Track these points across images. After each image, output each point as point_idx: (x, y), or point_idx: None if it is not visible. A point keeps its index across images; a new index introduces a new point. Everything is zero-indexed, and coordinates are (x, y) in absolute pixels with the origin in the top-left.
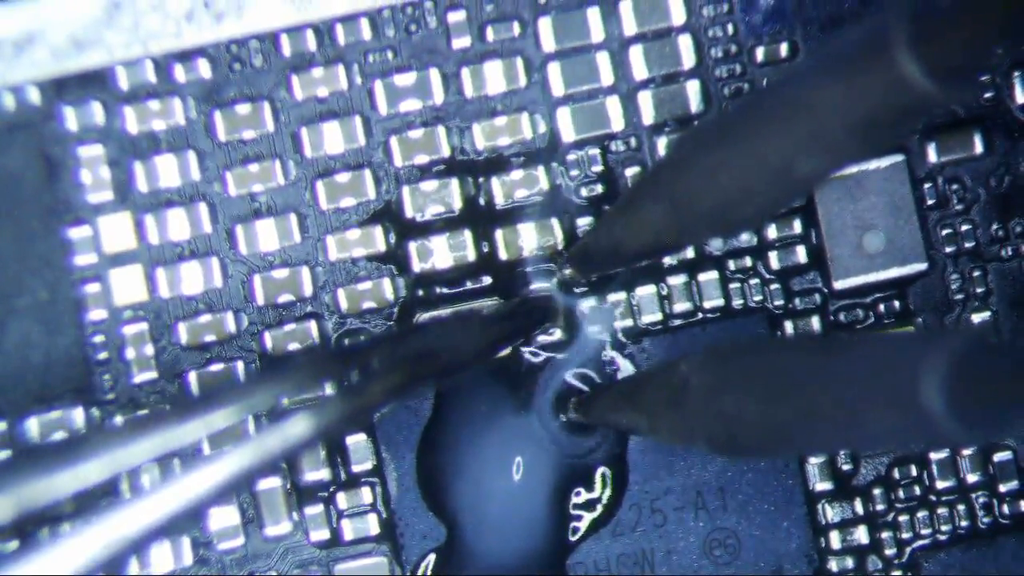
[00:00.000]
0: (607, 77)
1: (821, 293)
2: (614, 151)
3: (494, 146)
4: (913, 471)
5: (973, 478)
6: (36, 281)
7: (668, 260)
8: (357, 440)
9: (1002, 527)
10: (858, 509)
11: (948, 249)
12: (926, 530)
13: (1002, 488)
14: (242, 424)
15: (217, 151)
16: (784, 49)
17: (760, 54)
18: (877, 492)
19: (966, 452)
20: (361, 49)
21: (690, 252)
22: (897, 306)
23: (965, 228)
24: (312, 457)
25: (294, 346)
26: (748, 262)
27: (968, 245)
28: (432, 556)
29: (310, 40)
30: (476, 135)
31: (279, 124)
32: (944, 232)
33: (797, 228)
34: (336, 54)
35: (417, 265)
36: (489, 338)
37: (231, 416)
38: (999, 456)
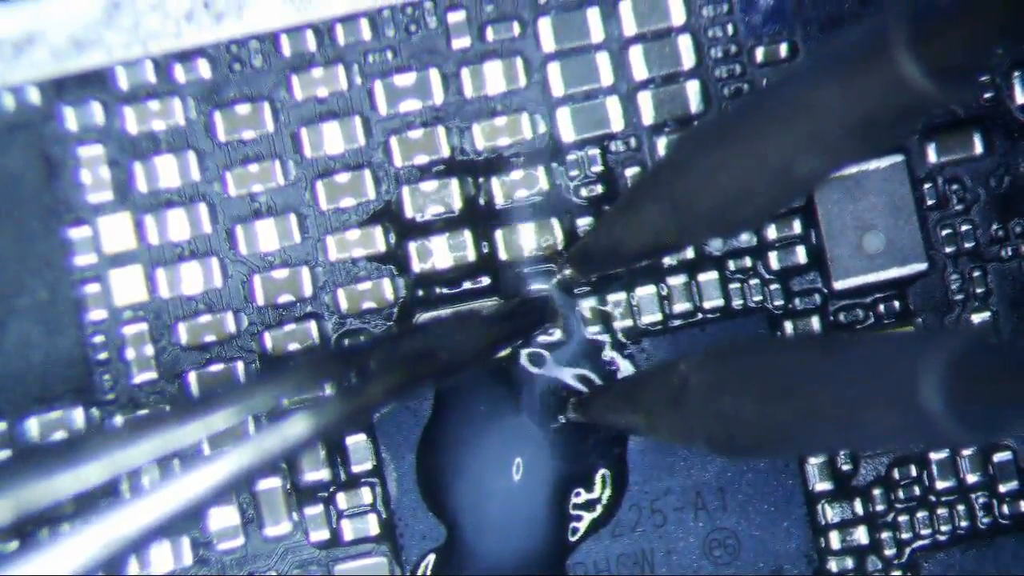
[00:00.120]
0: (607, 77)
1: (821, 293)
2: (614, 151)
3: (494, 146)
4: (913, 471)
5: (973, 478)
6: (36, 281)
7: (668, 260)
8: (357, 440)
9: (1002, 527)
10: (858, 509)
11: (948, 249)
12: (926, 530)
13: (1002, 488)
14: (242, 424)
15: (217, 151)
16: (784, 49)
17: (760, 54)
18: (877, 492)
19: (966, 452)
20: (361, 49)
21: (690, 252)
22: (897, 306)
23: (965, 228)
24: (312, 457)
25: (294, 346)
26: (748, 262)
27: (968, 245)
28: (432, 556)
29: (310, 40)
30: (476, 135)
31: (279, 124)
32: (944, 232)
33: (797, 228)
34: (336, 54)
35: (417, 265)
36: (489, 338)
37: (231, 417)
38: (999, 456)
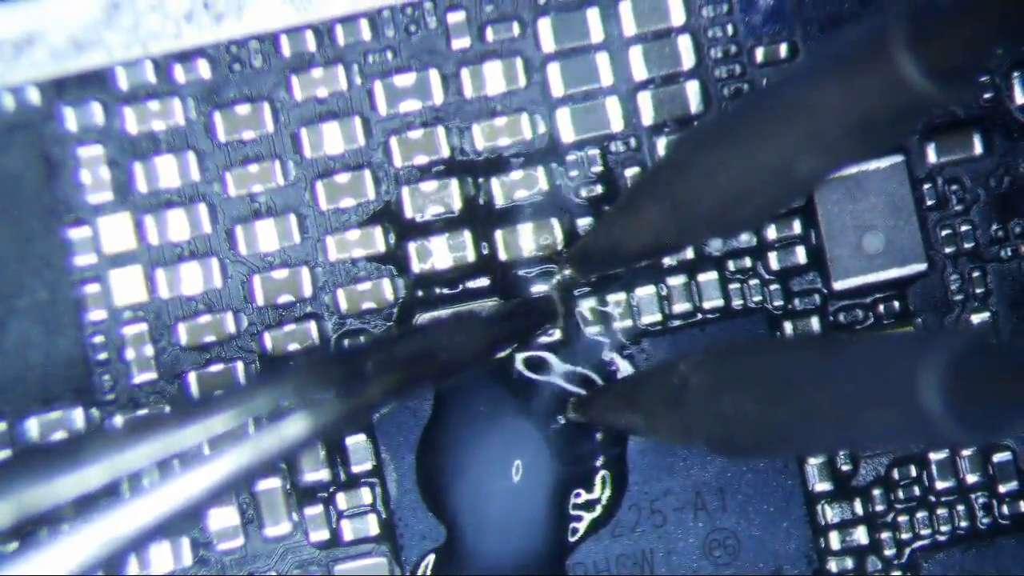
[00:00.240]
0: (607, 78)
1: (821, 294)
2: (614, 152)
3: (494, 146)
4: (913, 472)
5: (973, 479)
6: (36, 281)
7: (668, 261)
8: (357, 441)
9: (1001, 528)
10: (857, 510)
11: (948, 250)
12: (925, 531)
13: (1002, 489)
14: (242, 425)
15: (217, 152)
16: (784, 50)
17: (760, 55)
18: (877, 493)
19: (966, 453)
20: (361, 50)
21: (690, 253)
22: (897, 307)
23: (965, 229)
24: (312, 457)
25: (294, 347)
26: (748, 263)
27: (968, 246)
28: (432, 557)
29: (310, 41)
30: (476, 135)
31: (279, 125)
32: (944, 233)
33: (797, 229)
34: (336, 55)
35: (417, 266)
36: (488, 339)
37: (231, 420)
38: (999, 457)
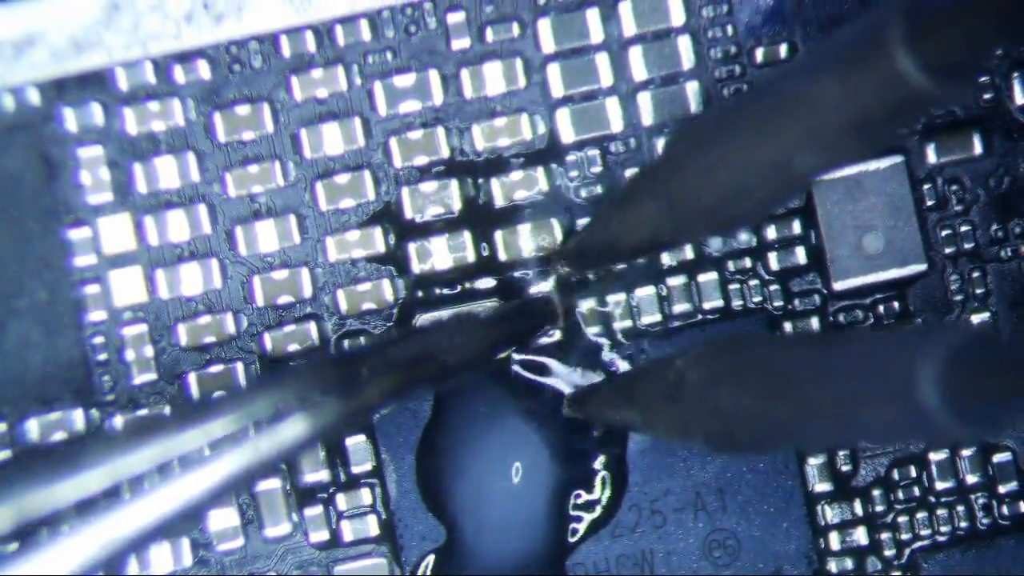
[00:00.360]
0: (606, 78)
1: (820, 294)
2: (613, 152)
3: (494, 147)
4: (912, 472)
5: (972, 479)
6: (36, 282)
7: (667, 261)
8: (357, 441)
9: (1001, 528)
10: (857, 510)
11: (947, 250)
12: (925, 531)
13: (1001, 489)
14: (242, 428)
15: (217, 152)
16: (783, 50)
17: (759, 55)
18: (876, 493)
19: (965, 453)
20: (360, 50)
21: (689, 253)
22: (896, 307)
23: (964, 229)
24: (312, 458)
25: (294, 347)
26: (747, 263)
27: (967, 246)
28: (431, 557)
29: (309, 41)
30: (476, 136)
31: (279, 125)
32: (943, 233)
33: (796, 229)
34: (335, 55)
35: (417, 266)
36: (488, 341)
37: (231, 424)
38: (998, 457)
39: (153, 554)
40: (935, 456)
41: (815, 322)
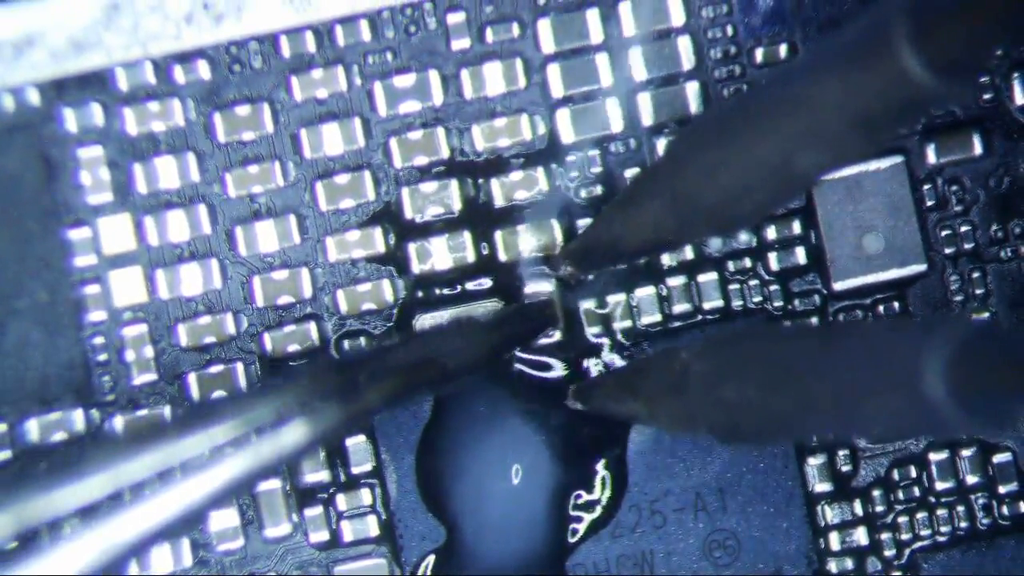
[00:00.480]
0: (606, 78)
1: (820, 294)
2: (613, 152)
3: (493, 147)
4: (913, 472)
5: (972, 479)
6: (36, 283)
7: (667, 261)
8: (357, 442)
9: (1001, 528)
10: (857, 510)
11: (947, 250)
12: (925, 531)
13: (1001, 489)
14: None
15: (217, 152)
16: (783, 50)
17: (759, 55)
18: (876, 493)
19: (965, 453)
20: (360, 50)
21: (689, 253)
22: (896, 307)
23: (964, 229)
24: (312, 459)
25: (294, 347)
26: (747, 263)
27: (967, 246)
28: (431, 557)
29: (309, 41)
30: (475, 136)
31: (278, 125)
32: (943, 233)
33: (796, 229)
34: (335, 55)
35: (417, 266)
36: (489, 345)
37: (232, 430)
38: (999, 458)
39: (153, 554)
40: (935, 456)
41: (815, 323)
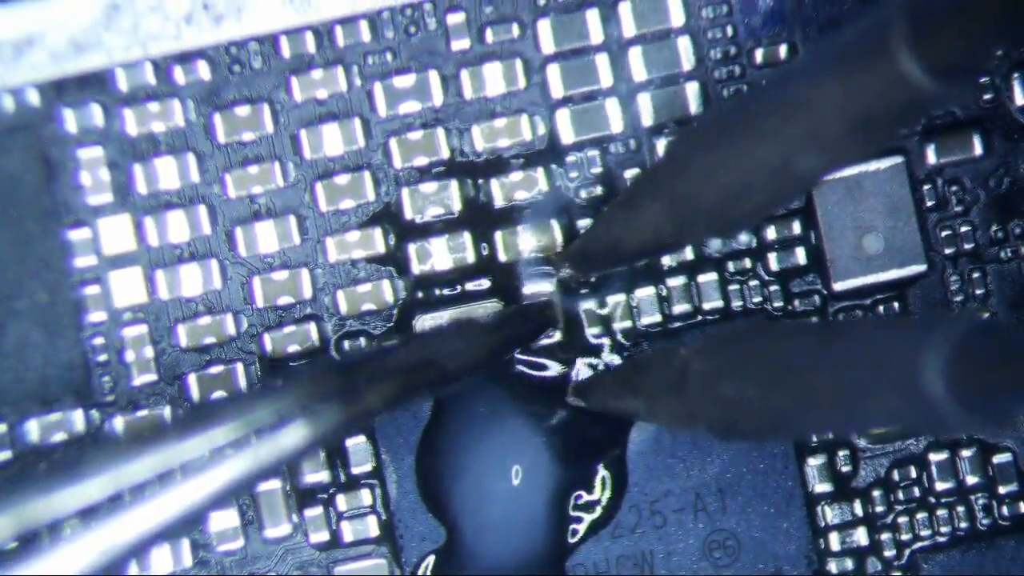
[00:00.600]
0: (606, 79)
1: (820, 295)
2: (613, 153)
3: (493, 148)
4: (912, 473)
5: (972, 480)
6: (35, 283)
7: (667, 262)
8: (357, 442)
9: (1001, 529)
10: (857, 511)
11: (947, 251)
12: (925, 532)
13: (1001, 490)
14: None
15: (216, 153)
16: (783, 51)
17: (759, 56)
18: (876, 494)
19: (965, 454)
20: (360, 51)
21: (689, 254)
22: (896, 308)
23: (964, 229)
24: (312, 459)
25: (294, 348)
26: (747, 264)
27: (967, 246)
28: (431, 558)
29: (309, 42)
30: (475, 137)
31: (278, 126)
32: (943, 233)
33: (796, 229)
34: (335, 56)
35: (417, 267)
36: (489, 346)
37: (232, 431)
38: (998, 458)
39: (153, 555)
40: (935, 457)
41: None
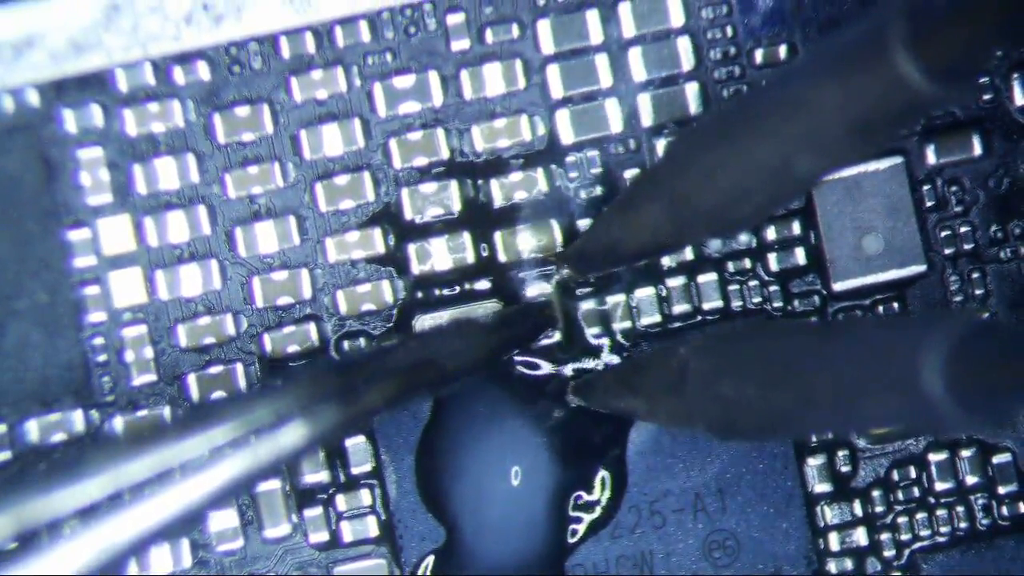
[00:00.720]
0: (606, 79)
1: (820, 295)
2: (613, 153)
3: (493, 148)
4: (912, 473)
5: (972, 480)
6: (35, 283)
7: (667, 262)
8: (356, 442)
9: (1001, 529)
10: (857, 511)
11: (947, 251)
12: (925, 532)
13: (1001, 490)
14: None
15: (216, 153)
16: (783, 51)
17: (759, 56)
18: (876, 494)
19: (965, 454)
20: (360, 51)
21: (689, 254)
22: (896, 308)
23: (964, 230)
24: (311, 459)
25: (293, 348)
26: (747, 264)
27: (967, 247)
28: (431, 558)
29: (309, 42)
30: (475, 137)
31: (278, 126)
32: (943, 234)
33: (796, 230)
34: (335, 56)
35: (416, 267)
36: (488, 347)
37: (232, 431)
38: (998, 458)
39: (153, 555)
40: (935, 457)
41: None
